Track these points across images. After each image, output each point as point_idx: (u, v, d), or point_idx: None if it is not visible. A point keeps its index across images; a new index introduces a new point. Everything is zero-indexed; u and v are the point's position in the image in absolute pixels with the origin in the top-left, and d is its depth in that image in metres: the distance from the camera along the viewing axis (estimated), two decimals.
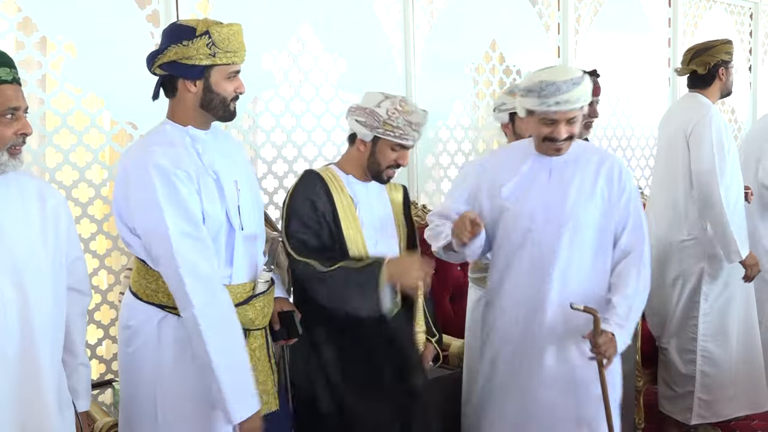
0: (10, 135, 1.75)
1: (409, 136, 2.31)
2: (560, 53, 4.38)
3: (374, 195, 2.43)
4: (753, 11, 5.57)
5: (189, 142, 2.02)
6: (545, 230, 2.37)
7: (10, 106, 1.75)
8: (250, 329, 2.08)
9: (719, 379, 3.50)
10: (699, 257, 3.44)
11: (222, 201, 2.02)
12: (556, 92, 2.27)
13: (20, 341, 1.79)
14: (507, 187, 2.42)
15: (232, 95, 2.04)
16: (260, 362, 2.11)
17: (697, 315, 3.48)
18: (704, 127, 3.32)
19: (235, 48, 2.01)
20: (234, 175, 2.08)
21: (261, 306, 2.09)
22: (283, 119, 3.34)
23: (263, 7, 3.20)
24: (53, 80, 2.77)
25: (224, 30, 1.98)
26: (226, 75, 2.01)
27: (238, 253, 2.05)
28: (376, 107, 2.29)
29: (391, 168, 2.36)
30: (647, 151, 5.03)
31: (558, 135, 2.33)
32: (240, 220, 2.05)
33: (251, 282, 2.09)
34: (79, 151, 2.82)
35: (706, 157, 3.30)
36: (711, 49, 3.47)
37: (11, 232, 1.80)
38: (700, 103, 3.43)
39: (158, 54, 2.01)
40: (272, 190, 3.32)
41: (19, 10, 2.65)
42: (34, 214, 1.85)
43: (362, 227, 2.34)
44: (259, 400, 1.98)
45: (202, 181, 1.98)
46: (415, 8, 3.67)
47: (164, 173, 1.92)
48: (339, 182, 2.36)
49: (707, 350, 3.51)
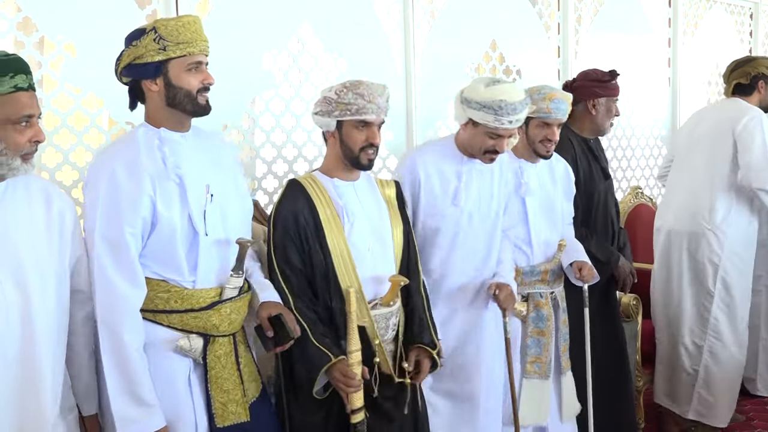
0: (24, 142, 1.76)
1: (367, 109, 2.25)
2: (560, 53, 4.38)
3: (365, 194, 2.39)
4: (753, 11, 5.57)
5: (157, 145, 2.02)
6: (482, 224, 2.70)
7: (25, 114, 1.75)
8: (214, 335, 2.05)
9: (723, 381, 3.53)
10: (717, 250, 3.52)
11: (183, 205, 2.01)
12: (512, 112, 2.50)
13: (21, 343, 1.79)
14: (448, 196, 2.65)
15: (198, 87, 2.01)
16: (225, 370, 2.07)
17: (709, 309, 3.54)
18: (756, 124, 3.47)
19: (187, 39, 1.97)
20: (206, 179, 2.07)
21: (227, 312, 2.06)
22: (283, 119, 3.34)
23: (263, 7, 3.20)
24: (53, 80, 2.77)
25: (172, 23, 1.97)
26: (186, 67, 1.99)
27: (203, 258, 2.03)
28: (327, 93, 2.30)
29: (364, 150, 2.29)
30: (647, 151, 5.03)
31: (501, 149, 2.61)
32: (205, 225, 2.02)
33: (218, 287, 2.07)
34: (79, 151, 2.82)
35: (758, 150, 3.43)
36: (752, 61, 3.71)
37: (16, 234, 1.80)
38: (747, 105, 3.61)
39: (117, 61, 2.03)
40: (272, 190, 3.32)
41: (19, 10, 2.65)
42: (39, 216, 1.85)
43: (351, 235, 2.30)
44: (155, 419, 1.95)
45: (159, 184, 1.98)
46: (415, 8, 3.66)
47: (111, 174, 1.95)
48: (323, 192, 2.32)
49: (714, 347, 3.55)
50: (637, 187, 4.56)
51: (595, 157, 3.30)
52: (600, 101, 3.23)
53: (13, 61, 1.76)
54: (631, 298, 3.59)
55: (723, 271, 3.52)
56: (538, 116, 2.82)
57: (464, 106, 2.58)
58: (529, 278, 2.85)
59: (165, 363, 2.03)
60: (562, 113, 2.83)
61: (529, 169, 2.93)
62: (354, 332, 2.19)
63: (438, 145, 2.81)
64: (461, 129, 2.69)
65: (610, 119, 3.28)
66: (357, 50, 3.49)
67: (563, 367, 2.94)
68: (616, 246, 3.31)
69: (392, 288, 2.31)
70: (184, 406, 2.04)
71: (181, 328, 2.03)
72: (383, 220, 2.41)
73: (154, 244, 2.00)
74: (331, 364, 2.17)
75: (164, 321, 2.02)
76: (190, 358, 2.05)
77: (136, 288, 1.97)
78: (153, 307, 2.01)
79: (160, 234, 1.98)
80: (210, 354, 2.04)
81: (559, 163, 3.06)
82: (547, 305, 2.88)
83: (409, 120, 3.67)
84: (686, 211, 3.60)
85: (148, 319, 2.02)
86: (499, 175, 2.78)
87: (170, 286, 2.02)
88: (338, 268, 2.27)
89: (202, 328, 2.03)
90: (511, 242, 2.85)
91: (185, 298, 2.02)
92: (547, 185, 2.97)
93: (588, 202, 3.21)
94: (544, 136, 2.84)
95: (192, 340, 2.03)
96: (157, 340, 2.02)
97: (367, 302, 2.29)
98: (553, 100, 2.81)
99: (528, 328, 2.86)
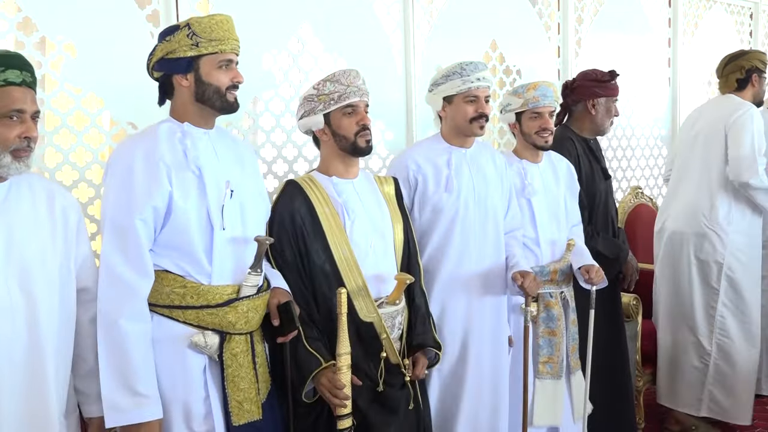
0: (12, 137, 1.74)
1: (349, 92, 2.28)
2: (560, 53, 4.38)
3: (364, 191, 2.40)
4: (753, 11, 5.56)
5: (179, 137, 2.03)
6: (476, 213, 2.71)
7: (14, 108, 1.74)
8: (230, 333, 2.03)
9: (736, 377, 3.54)
10: (720, 249, 3.51)
11: (201, 197, 2.01)
12: (476, 69, 2.66)
13: (27, 346, 1.79)
14: (440, 186, 2.67)
15: (227, 84, 2.03)
16: (242, 368, 2.05)
17: (715, 306, 3.54)
18: (746, 119, 3.45)
19: (219, 36, 1.99)
20: (227, 175, 2.07)
21: (245, 310, 2.04)
22: (284, 119, 3.34)
23: (263, 7, 3.20)
24: (53, 80, 2.77)
25: (205, 20, 1.99)
26: (216, 64, 2.01)
27: (218, 253, 2.03)
28: (306, 93, 2.35)
29: (359, 133, 2.31)
30: (647, 151, 5.02)
31: (485, 109, 2.68)
32: (222, 220, 2.02)
33: (235, 285, 2.06)
34: (79, 151, 2.82)
35: (746, 143, 3.42)
36: (745, 54, 3.70)
37: (21, 236, 1.79)
38: (740, 101, 3.60)
39: (150, 56, 2.04)
40: (272, 190, 3.31)
41: (19, 10, 2.65)
42: (43, 217, 1.85)
43: (352, 233, 2.30)
44: (147, 411, 1.93)
45: (178, 174, 1.98)
46: (415, 8, 3.66)
47: (127, 162, 1.96)
48: (321, 191, 2.32)
49: (723, 344, 3.55)
50: (637, 187, 4.56)
51: (595, 157, 3.31)
52: (599, 101, 3.24)
53: (8, 57, 1.76)
54: (631, 298, 3.59)
55: (728, 269, 3.52)
56: (528, 108, 2.87)
57: (434, 91, 2.75)
58: (539, 278, 2.85)
59: (179, 358, 2.02)
60: (549, 99, 2.88)
61: (532, 169, 2.94)
62: (344, 334, 2.15)
63: (425, 141, 2.87)
64: (442, 118, 2.77)
65: (610, 119, 3.29)
66: (357, 50, 3.49)
67: (572, 367, 2.95)
68: None
69: (398, 286, 2.31)
70: (197, 402, 2.03)
71: (197, 324, 2.01)
72: (384, 217, 2.42)
73: (170, 233, 1.99)
74: (320, 369, 2.16)
75: (180, 317, 2.01)
76: (205, 354, 2.04)
77: (142, 276, 1.95)
78: (169, 302, 2.01)
79: (175, 224, 1.98)
80: (227, 352, 2.03)
81: (561, 162, 3.07)
82: (557, 305, 2.88)
83: (409, 120, 3.67)
84: (687, 212, 3.60)
85: (164, 315, 2.01)
86: (493, 167, 2.79)
87: (186, 281, 2.01)
88: (341, 267, 2.27)
89: (218, 325, 2.02)
90: (519, 243, 2.85)
91: (201, 293, 2.01)
92: (551, 185, 2.98)
93: (590, 202, 3.22)
94: (539, 126, 2.87)
95: (207, 336, 2.02)
96: (172, 336, 2.01)
97: (373, 300, 2.29)
98: (537, 88, 2.88)
99: (539, 328, 2.86)
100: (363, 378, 2.25)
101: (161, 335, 2.00)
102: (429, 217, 2.67)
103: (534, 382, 2.83)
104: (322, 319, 2.26)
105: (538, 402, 2.82)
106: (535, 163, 2.96)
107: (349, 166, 2.38)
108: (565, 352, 2.91)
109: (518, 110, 2.91)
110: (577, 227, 3.07)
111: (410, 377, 2.35)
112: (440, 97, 2.72)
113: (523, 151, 2.97)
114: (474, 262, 2.70)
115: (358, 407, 2.23)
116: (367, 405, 2.26)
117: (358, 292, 2.26)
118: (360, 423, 2.23)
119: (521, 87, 2.92)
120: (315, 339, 2.20)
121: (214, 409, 2.03)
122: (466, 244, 2.69)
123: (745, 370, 3.56)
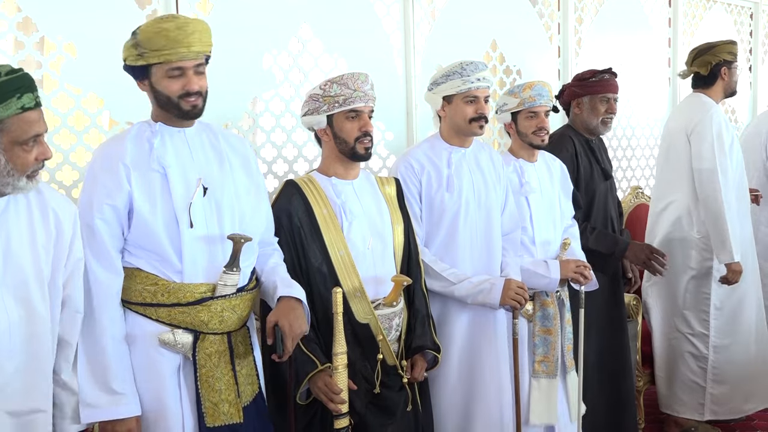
0: (32, 161, 1.74)
1: (354, 97, 2.28)
2: (560, 53, 4.38)
3: (364, 193, 2.40)
4: (753, 11, 5.56)
5: (147, 136, 2.04)
6: (477, 212, 2.70)
7: (34, 134, 1.73)
8: (203, 332, 2.02)
9: (733, 376, 3.52)
10: (707, 255, 3.47)
11: (166, 196, 2.00)
12: (476, 70, 2.65)
13: (25, 359, 1.77)
14: (442, 186, 2.67)
15: (178, 93, 1.99)
16: (218, 369, 2.03)
17: (708, 311, 3.50)
18: (705, 126, 3.35)
19: (161, 46, 1.93)
20: (201, 173, 2.05)
21: (219, 309, 2.02)
22: (284, 119, 3.33)
23: (263, 7, 3.20)
24: (53, 80, 2.76)
25: (151, 29, 1.95)
26: (166, 73, 1.98)
27: (188, 251, 2.01)
28: (312, 91, 2.35)
29: (359, 140, 2.31)
30: (647, 151, 5.02)
31: (484, 110, 2.67)
32: (190, 218, 2.00)
33: (210, 283, 2.03)
34: (79, 151, 2.81)
35: (706, 155, 3.33)
36: (713, 48, 3.50)
37: (18, 249, 1.78)
38: (702, 103, 3.45)
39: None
40: (272, 190, 3.31)
41: (19, 10, 2.65)
42: (39, 229, 1.83)
43: (350, 234, 2.30)
44: (122, 408, 1.94)
45: (139, 174, 1.99)
46: (415, 8, 3.66)
47: (92, 165, 2.01)
48: (319, 191, 2.32)
49: (720, 347, 3.53)
50: (637, 187, 4.56)
51: (595, 157, 3.31)
52: (583, 100, 3.25)
53: (18, 79, 1.71)
54: (631, 298, 3.59)
55: (717, 272, 3.48)
56: (524, 107, 2.88)
57: (433, 90, 2.74)
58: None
59: (152, 356, 2.01)
60: (545, 99, 2.89)
61: (528, 168, 2.96)
62: (340, 334, 2.14)
63: (425, 143, 2.87)
64: (441, 117, 2.77)
65: (598, 118, 3.25)
66: (357, 50, 3.49)
67: (568, 366, 2.95)
68: None
69: (395, 288, 2.30)
70: (170, 400, 2.02)
71: (168, 322, 2.01)
72: (383, 218, 2.41)
73: (137, 232, 2.00)
74: (316, 372, 2.15)
75: (152, 315, 2.01)
76: (179, 353, 2.03)
77: (111, 273, 1.97)
78: (141, 300, 2.01)
79: (139, 222, 1.99)
80: (200, 351, 2.01)
81: (555, 162, 3.09)
82: (552, 304, 2.89)
83: (409, 120, 3.67)
84: (670, 219, 3.55)
85: (138, 312, 2.01)
86: (491, 166, 2.80)
87: (159, 279, 2.01)
88: (338, 268, 2.26)
89: (191, 324, 2.01)
90: (514, 244, 2.84)
91: (172, 291, 2.00)
92: (547, 184, 2.99)
93: (588, 201, 3.22)
94: (536, 125, 2.89)
95: (177, 335, 2.01)
96: (145, 334, 2.01)
97: (370, 301, 2.28)
98: (533, 87, 2.89)
99: (535, 327, 2.87)
100: (360, 379, 2.25)
101: (135, 333, 2.01)
102: (432, 216, 2.68)
103: (530, 381, 2.83)
104: (319, 320, 2.25)
105: (534, 401, 2.82)
106: (531, 163, 2.98)
107: (349, 168, 2.38)
108: (561, 351, 2.91)
109: (515, 110, 2.92)
110: (573, 228, 3.08)
111: (408, 379, 2.34)
112: (440, 97, 2.72)
113: (519, 151, 2.98)
114: (477, 260, 2.71)
115: (354, 409, 2.22)
116: (364, 406, 2.26)
117: (354, 293, 2.26)
118: (357, 424, 2.23)
119: (517, 87, 2.94)
120: (311, 341, 2.19)
121: (185, 409, 2.02)
122: (468, 242, 2.70)
123: (741, 364, 3.55)
